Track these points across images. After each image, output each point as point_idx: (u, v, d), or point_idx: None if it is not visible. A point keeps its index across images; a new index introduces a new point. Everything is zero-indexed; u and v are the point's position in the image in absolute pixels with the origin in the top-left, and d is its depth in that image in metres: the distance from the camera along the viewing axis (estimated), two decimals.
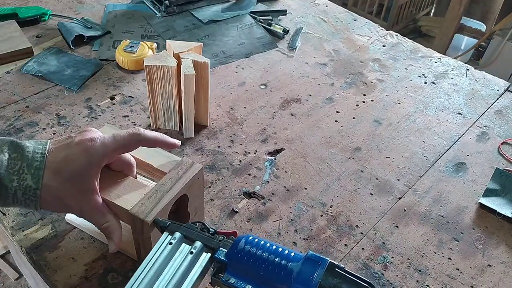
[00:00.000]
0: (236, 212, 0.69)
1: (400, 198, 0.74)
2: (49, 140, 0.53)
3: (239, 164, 0.77)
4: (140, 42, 0.95)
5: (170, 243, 0.50)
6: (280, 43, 1.07)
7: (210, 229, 0.52)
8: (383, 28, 1.17)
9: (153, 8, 1.14)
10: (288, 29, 1.10)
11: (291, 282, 0.45)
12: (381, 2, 2.85)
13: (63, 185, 0.51)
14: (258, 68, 0.99)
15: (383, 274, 0.63)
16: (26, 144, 0.51)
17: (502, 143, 0.84)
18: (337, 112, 0.89)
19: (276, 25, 1.10)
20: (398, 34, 1.15)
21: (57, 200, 0.52)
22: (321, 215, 0.70)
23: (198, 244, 0.50)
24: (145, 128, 0.59)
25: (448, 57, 1.08)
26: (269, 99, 0.91)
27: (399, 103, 0.93)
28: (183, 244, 0.50)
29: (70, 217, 0.64)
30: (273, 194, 0.72)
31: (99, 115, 0.83)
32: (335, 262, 0.46)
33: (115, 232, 0.55)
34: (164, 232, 0.51)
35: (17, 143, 0.51)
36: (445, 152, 0.82)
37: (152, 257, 0.49)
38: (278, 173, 0.76)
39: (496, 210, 0.71)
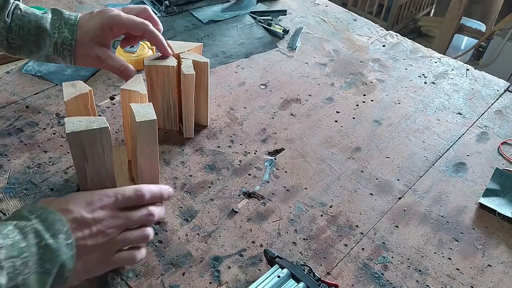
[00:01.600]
0: (236, 212, 0.69)
1: (400, 198, 0.74)
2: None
3: (239, 164, 0.77)
4: (140, 42, 0.95)
5: (278, 276, 0.56)
6: (280, 43, 1.07)
7: (316, 275, 0.58)
8: (383, 28, 1.17)
9: (153, 8, 1.14)
10: (288, 29, 1.10)
11: None
12: (381, 2, 2.85)
13: (88, 37, 0.68)
14: (258, 68, 0.99)
15: (383, 274, 0.63)
16: (64, 11, 0.69)
17: (502, 143, 0.84)
18: (337, 112, 0.90)
19: (276, 25, 1.10)
20: (398, 34, 1.15)
21: (86, 50, 0.68)
22: (321, 215, 0.70)
23: (302, 285, 0.55)
24: None
25: (448, 57, 1.08)
26: (269, 99, 0.91)
27: (399, 103, 0.93)
28: (291, 280, 0.57)
29: None
30: (273, 194, 0.72)
31: (99, 115, 0.83)
32: None
33: (129, 73, 0.69)
34: (275, 265, 0.58)
35: (58, 9, 0.69)
36: (445, 152, 0.82)
37: (260, 284, 0.56)
38: (278, 173, 0.76)
39: (496, 210, 0.71)
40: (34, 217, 0.49)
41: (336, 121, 0.87)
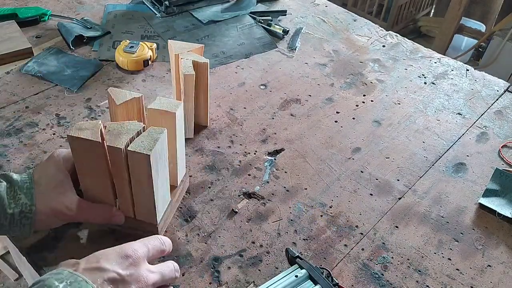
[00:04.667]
0: (236, 212, 0.69)
1: (400, 199, 0.74)
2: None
3: (239, 165, 0.77)
4: (140, 43, 0.96)
5: (296, 276, 0.57)
6: (280, 44, 1.07)
7: (334, 279, 0.59)
8: (383, 29, 1.17)
9: (153, 9, 1.14)
10: (287, 29, 1.10)
11: None
12: (381, 2, 2.85)
13: (51, 192, 0.57)
14: (258, 68, 0.99)
15: (383, 275, 0.63)
16: (12, 174, 0.58)
17: (502, 146, 0.84)
18: (337, 112, 0.89)
19: (275, 26, 1.10)
20: (398, 35, 1.15)
21: (51, 210, 0.57)
22: (321, 216, 0.70)
23: (319, 287, 0.56)
24: None
25: (448, 58, 1.08)
26: (269, 100, 0.91)
27: (399, 104, 0.93)
28: (308, 281, 0.57)
29: None
30: (273, 194, 0.72)
31: (99, 116, 0.83)
32: None
33: (116, 216, 0.61)
34: (295, 265, 0.59)
35: (4, 174, 0.57)
36: (445, 153, 0.82)
37: (277, 281, 0.57)
38: (278, 173, 0.76)
39: (496, 211, 0.71)
40: (62, 287, 0.44)
41: (336, 122, 0.87)
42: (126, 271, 0.48)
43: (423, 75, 1.01)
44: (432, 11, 3.14)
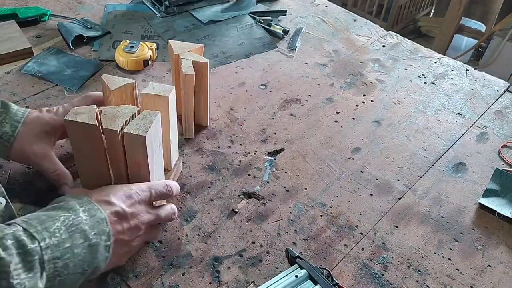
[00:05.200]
0: (236, 212, 0.69)
1: (400, 199, 0.74)
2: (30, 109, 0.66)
3: (239, 165, 0.77)
4: (140, 43, 0.96)
5: (296, 276, 0.57)
6: (280, 44, 1.07)
7: (334, 279, 0.59)
8: (382, 29, 1.17)
9: (153, 9, 1.14)
10: (287, 29, 1.10)
11: None
12: (381, 3, 2.85)
13: (34, 132, 0.64)
14: (257, 68, 0.99)
15: (383, 275, 0.63)
16: (13, 105, 0.65)
17: (502, 146, 0.84)
18: (337, 112, 0.89)
19: (275, 26, 1.10)
20: (398, 35, 1.15)
21: (21, 151, 0.63)
22: (321, 216, 0.70)
23: (318, 287, 0.56)
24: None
25: (448, 58, 1.08)
26: (269, 100, 0.91)
27: (399, 104, 0.93)
28: (308, 281, 0.57)
29: None
30: (272, 194, 0.72)
31: None
32: None
33: (66, 178, 0.65)
34: (295, 265, 0.59)
35: (7, 102, 0.65)
36: (445, 153, 0.82)
37: (277, 281, 0.57)
38: (277, 173, 0.76)
39: (496, 211, 0.71)
40: (82, 211, 0.50)
41: (336, 122, 0.87)
42: (129, 208, 0.54)
43: (423, 75, 1.01)
44: (432, 11, 3.13)
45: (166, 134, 0.64)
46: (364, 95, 0.94)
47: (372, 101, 0.93)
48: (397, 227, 0.69)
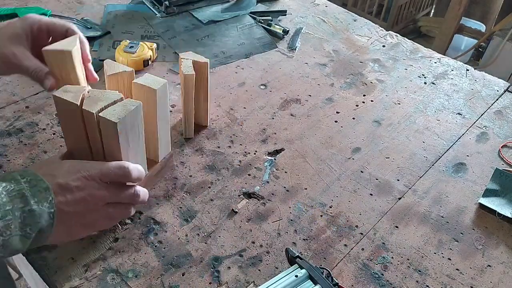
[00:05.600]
0: (236, 212, 0.69)
1: (400, 199, 0.74)
2: None
3: (239, 165, 0.77)
4: (140, 43, 0.96)
5: (296, 276, 0.57)
6: (280, 44, 1.07)
7: (334, 279, 0.58)
8: (383, 29, 1.17)
9: (153, 9, 1.14)
10: (288, 29, 1.10)
11: None
12: (381, 3, 2.85)
13: (6, 35, 0.62)
14: (258, 68, 0.99)
15: (382, 275, 0.63)
16: None
17: (502, 146, 0.84)
18: (337, 112, 0.90)
19: (276, 26, 1.10)
20: (398, 35, 1.15)
21: (1, 49, 0.62)
22: (321, 216, 0.70)
23: (318, 287, 0.56)
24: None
25: (448, 58, 1.08)
26: (269, 100, 0.91)
27: (399, 104, 0.93)
28: (308, 281, 0.57)
29: None
30: (272, 194, 0.72)
31: None
32: None
33: (48, 74, 0.62)
34: (295, 265, 0.59)
35: None
36: (444, 153, 0.83)
37: (277, 281, 0.56)
38: (277, 173, 0.76)
39: (496, 211, 0.71)
40: (24, 181, 0.52)
41: (336, 122, 0.87)
42: (73, 182, 0.55)
43: (423, 75, 1.01)
44: (432, 11, 3.14)
45: (152, 125, 0.65)
46: (364, 95, 0.94)
47: (372, 101, 0.93)
48: (397, 227, 0.69)
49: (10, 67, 0.64)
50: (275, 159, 0.78)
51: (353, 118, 0.88)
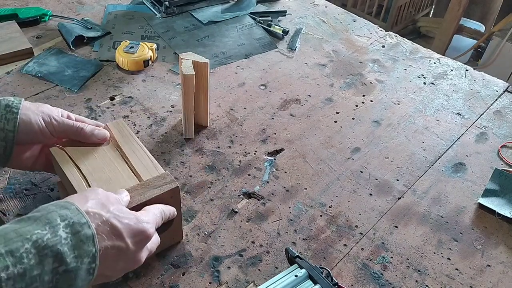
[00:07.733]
0: (236, 212, 0.69)
1: (399, 199, 0.74)
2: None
3: (238, 165, 0.77)
4: (140, 43, 0.96)
5: (296, 276, 0.57)
6: (280, 44, 1.08)
7: (334, 279, 0.59)
8: (382, 29, 1.17)
9: (153, 9, 1.14)
10: (287, 30, 1.10)
11: None
12: (381, 3, 2.85)
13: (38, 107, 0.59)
14: (257, 68, 0.99)
15: (382, 274, 0.63)
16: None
17: (501, 146, 0.84)
18: (337, 112, 0.90)
19: (275, 26, 1.11)
20: (398, 35, 1.15)
21: (36, 108, 0.59)
22: (321, 215, 0.70)
23: (318, 287, 0.56)
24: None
25: (447, 58, 1.08)
26: (269, 100, 0.91)
27: (399, 104, 0.93)
28: (308, 281, 0.57)
29: None
30: (272, 194, 0.73)
31: (99, 116, 0.83)
32: None
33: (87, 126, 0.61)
34: (295, 264, 0.59)
35: None
36: (444, 153, 0.83)
37: (277, 280, 0.57)
38: (277, 173, 0.76)
39: (495, 211, 0.71)
40: (63, 227, 0.41)
41: (335, 122, 0.88)
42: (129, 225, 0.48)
43: (422, 75, 1.02)
44: (432, 11, 3.14)
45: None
46: (363, 95, 0.94)
47: (371, 101, 0.93)
48: (396, 227, 0.69)
49: (45, 134, 0.60)
50: (275, 159, 0.79)
51: (353, 118, 0.88)
